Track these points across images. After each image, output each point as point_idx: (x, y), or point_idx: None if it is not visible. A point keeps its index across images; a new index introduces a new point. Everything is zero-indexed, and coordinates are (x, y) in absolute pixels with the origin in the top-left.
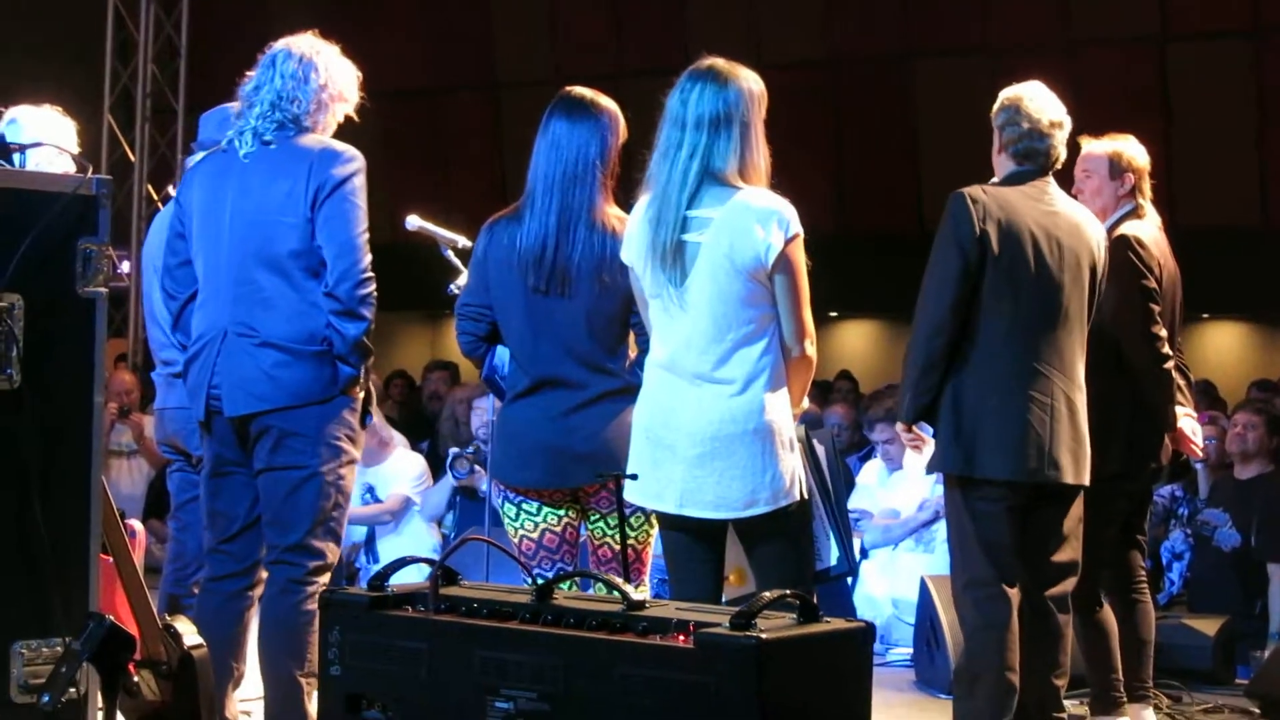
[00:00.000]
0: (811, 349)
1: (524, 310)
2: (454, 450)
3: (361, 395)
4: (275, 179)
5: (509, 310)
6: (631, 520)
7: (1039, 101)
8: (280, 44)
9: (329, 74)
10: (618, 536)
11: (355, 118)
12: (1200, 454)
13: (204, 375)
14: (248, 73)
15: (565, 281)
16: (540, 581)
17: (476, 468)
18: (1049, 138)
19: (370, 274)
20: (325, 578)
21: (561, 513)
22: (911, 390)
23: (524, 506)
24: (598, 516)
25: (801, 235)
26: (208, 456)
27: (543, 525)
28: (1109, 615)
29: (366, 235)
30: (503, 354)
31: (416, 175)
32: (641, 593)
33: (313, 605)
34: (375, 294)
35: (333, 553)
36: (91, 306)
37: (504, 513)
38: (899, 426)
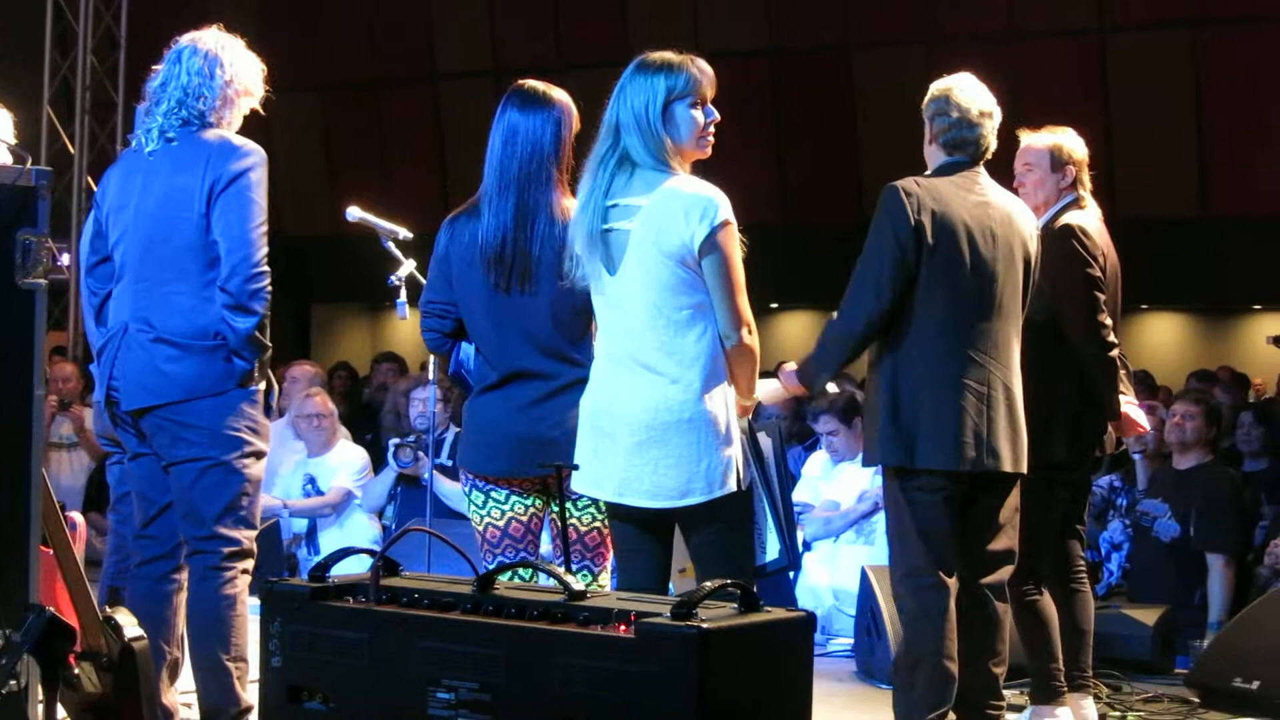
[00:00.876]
0: (750, 337)
1: (488, 306)
2: (395, 440)
3: (263, 387)
4: (175, 174)
5: (473, 307)
6: (601, 504)
7: (968, 92)
8: (186, 39)
9: (234, 69)
10: (584, 518)
11: (261, 111)
12: (1147, 430)
13: (105, 369)
14: (154, 68)
15: (526, 277)
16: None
17: (420, 455)
18: (979, 127)
19: (264, 269)
20: (246, 563)
21: (529, 502)
22: (827, 370)
23: (493, 495)
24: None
25: (733, 223)
26: (124, 442)
27: (510, 514)
28: (1049, 603)
29: (263, 230)
30: (468, 349)
31: (357, 167)
32: (604, 580)
33: (233, 590)
34: (269, 289)
35: (247, 539)
36: (31, 298)
37: (471, 501)
38: (787, 378)
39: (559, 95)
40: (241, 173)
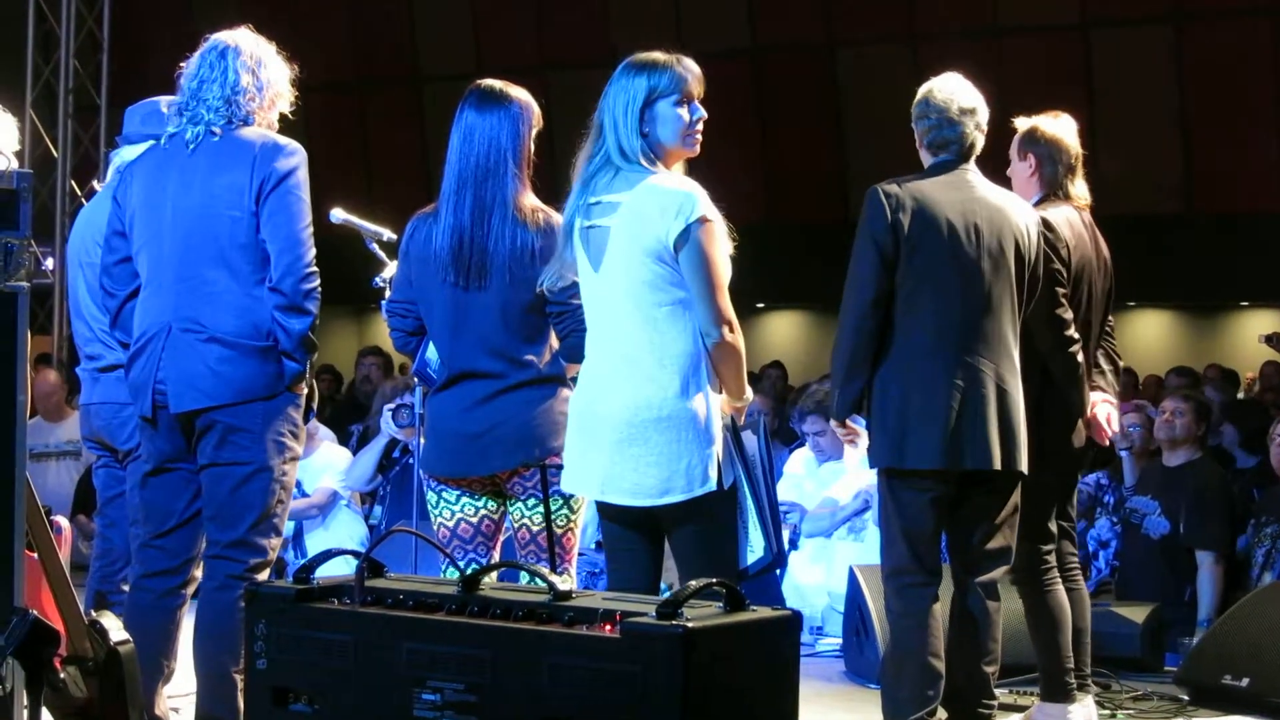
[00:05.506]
0: (731, 335)
1: (443, 305)
2: (389, 406)
3: (305, 391)
4: (218, 172)
5: (430, 306)
6: (571, 502)
7: (947, 91)
8: (225, 37)
9: (276, 71)
10: (534, 518)
11: (290, 115)
12: (1107, 442)
13: (149, 371)
14: (182, 64)
15: (482, 274)
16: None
17: (419, 412)
18: (960, 125)
19: (314, 269)
20: (265, 574)
21: (480, 503)
22: (840, 388)
23: (444, 495)
24: (514, 500)
25: (712, 221)
26: (149, 453)
27: (459, 515)
28: (1062, 600)
29: (310, 229)
30: (434, 348)
31: (341, 169)
32: (566, 581)
33: None
34: (319, 288)
35: (273, 549)
36: (13, 301)
37: (429, 501)
38: (833, 424)
39: (517, 93)
40: (289, 171)
